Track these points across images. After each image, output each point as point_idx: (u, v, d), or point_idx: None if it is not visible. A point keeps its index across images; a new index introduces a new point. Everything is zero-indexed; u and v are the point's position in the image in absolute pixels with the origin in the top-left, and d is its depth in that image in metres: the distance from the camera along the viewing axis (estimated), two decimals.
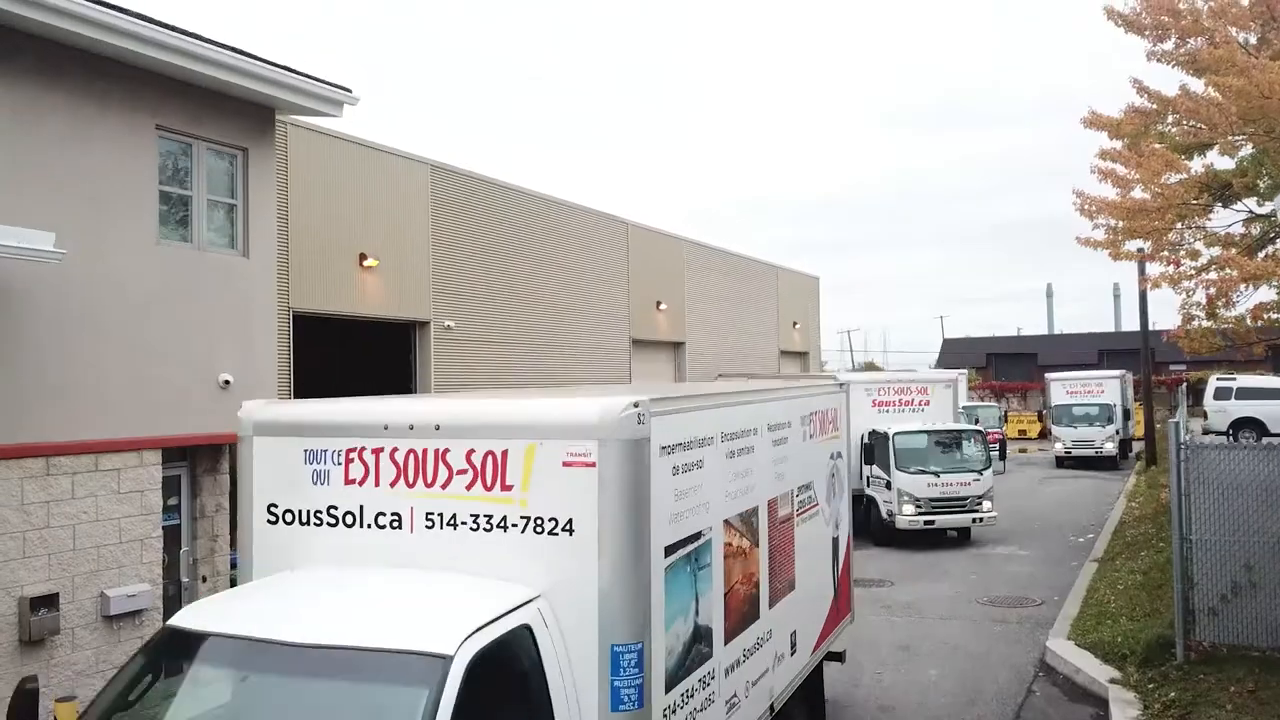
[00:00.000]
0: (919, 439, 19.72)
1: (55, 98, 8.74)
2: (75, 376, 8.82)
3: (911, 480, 19.07)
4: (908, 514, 18.89)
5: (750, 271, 38.01)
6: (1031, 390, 56.91)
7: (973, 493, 19.15)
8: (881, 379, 22.95)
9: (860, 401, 20.59)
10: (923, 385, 21.97)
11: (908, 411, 21.03)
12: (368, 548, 5.17)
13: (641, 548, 4.90)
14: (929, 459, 19.44)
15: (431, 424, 5.10)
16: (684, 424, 5.63)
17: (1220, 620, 9.89)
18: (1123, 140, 19.92)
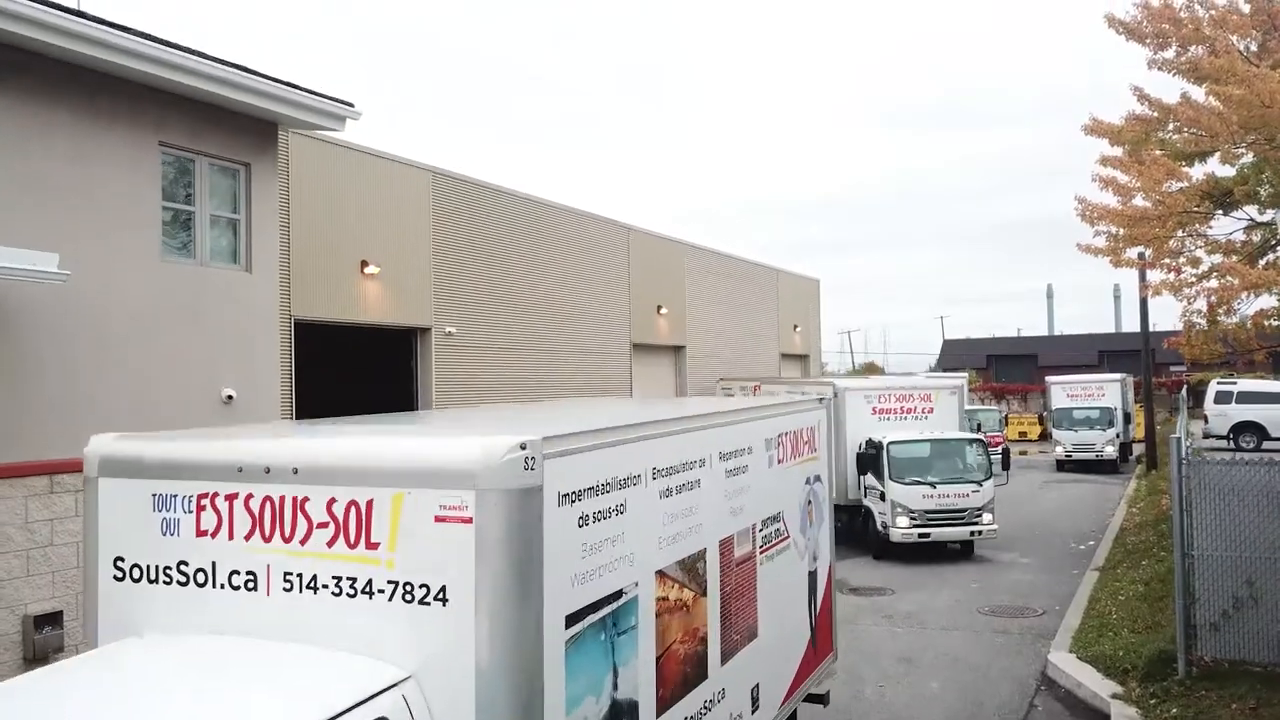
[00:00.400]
0: (915, 448, 18.88)
1: (59, 115, 8.76)
2: (78, 393, 8.84)
3: (906, 491, 18.24)
4: (902, 526, 18.13)
5: (751, 275, 38.02)
6: (1032, 392, 56.91)
7: (971, 505, 18.32)
8: (881, 385, 21.54)
9: (859, 409, 20.21)
10: (926, 392, 20.90)
11: (910, 420, 20.15)
12: (221, 612, 4.44)
13: (530, 619, 4.14)
14: (925, 469, 18.64)
15: (289, 466, 4.34)
16: (596, 464, 4.81)
17: (1222, 635, 9.90)
18: (1123, 147, 19.94)
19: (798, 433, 8.27)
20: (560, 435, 4.48)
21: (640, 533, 5.23)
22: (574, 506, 4.57)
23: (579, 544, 4.61)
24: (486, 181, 23.69)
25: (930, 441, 19.10)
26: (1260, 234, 18.82)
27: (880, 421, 19.96)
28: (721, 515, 6.45)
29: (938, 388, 21.19)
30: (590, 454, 4.75)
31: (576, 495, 4.59)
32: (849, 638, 13.18)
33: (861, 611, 14.64)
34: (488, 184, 23.69)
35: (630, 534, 5.08)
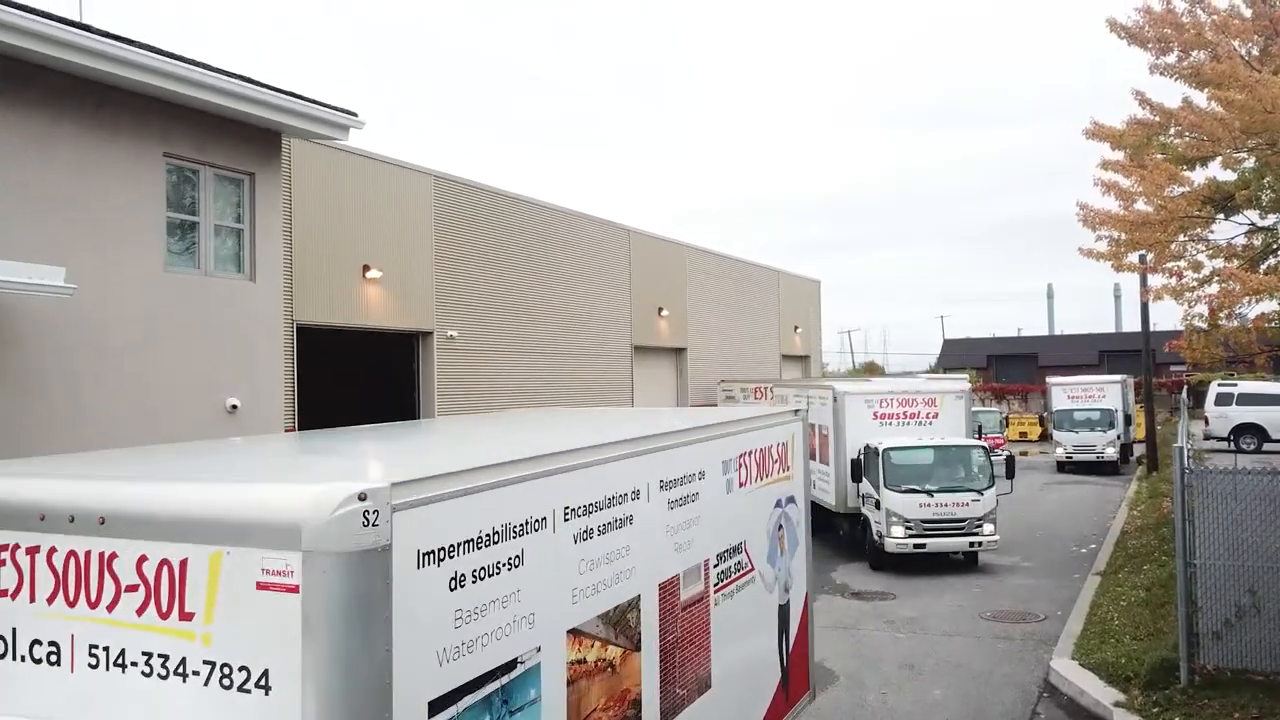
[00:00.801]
0: (912, 455, 18.02)
1: (64, 128, 8.78)
2: (84, 404, 8.86)
3: (901, 500, 17.36)
4: (896, 536, 17.25)
5: (752, 276, 38.05)
6: (1032, 392, 56.93)
7: (971, 514, 17.48)
8: (884, 389, 20.49)
9: (859, 414, 19.56)
10: (930, 396, 19.81)
11: (913, 425, 19.26)
12: (21, 690, 3.69)
13: (373, 711, 3.35)
14: (923, 476, 17.75)
15: (94, 514, 3.58)
16: (475, 510, 3.97)
17: (1224, 644, 9.92)
18: (1125, 151, 19.96)
19: (766, 450, 7.50)
20: (418, 479, 3.64)
21: (545, 587, 4.39)
22: (442, 566, 3.73)
23: (450, 611, 3.78)
24: (488, 185, 23.74)
25: (929, 448, 18.29)
26: (1261, 238, 18.83)
27: (882, 427, 19.24)
28: (662, 554, 5.65)
29: (943, 392, 19.97)
30: (466, 499, 3.89)
31: (446, 552, 3.75)
32: (850, 643, 13.23)
33: (864, 616, 14.67)
34: (490, 188, 23.73)
35: (530, 590, 4.25)
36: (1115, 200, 18.61)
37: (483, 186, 23.48)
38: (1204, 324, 18.96)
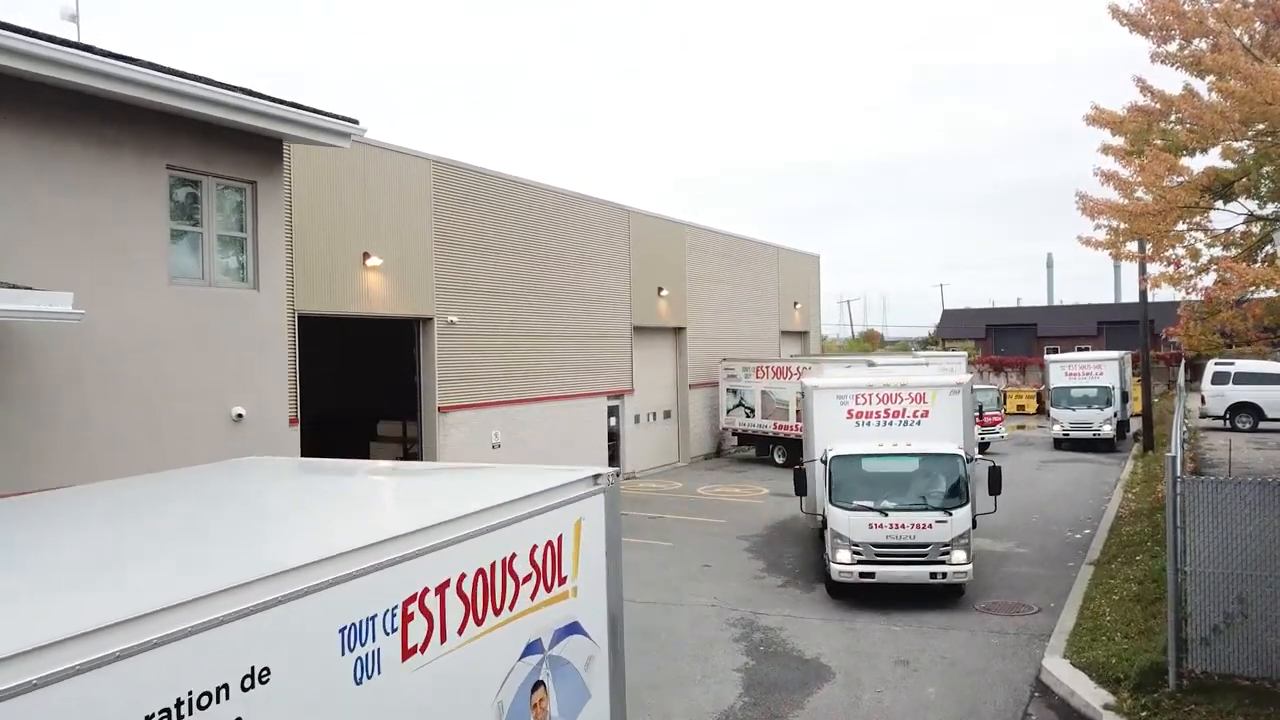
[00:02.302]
0: (865, 464, 15.22)
1: (69, 146, 8.82)
2: (93, 420, 8.99)
3: (848, 518, 14.63)
4: (841, 562, 14.57)
5: (751, 253, 38.05)
6: (1030, 365, 57.13)
7: (936, 539, 14.39)
8: (861, 383, 17.09)
9: (830, 411, 16.63)
10: (918, 391, 16.53)
11: (896, 426, 16.20)
12: None
13: None
14: (878, 490, 14.91)
15: None
16: None
17: (1212, 649, 10.14)
18: (1125, 136, 19.95)
19: (508, 562, 4.87)
20: None
21: None
22: None
23: None
24: (487, 169, 23.70)
25: (887, 456, 15.36)
26: (1260, 227, 18.87)
27: (859, 427, 16.28)
28: None
29: (935, 385, 16.63)
30: None
31: None
32: (848, 639, 13.45)
33: (861, 604, 14.89)
34: (489, 171, 23.70)
35: None
36: (1114, 190, 18.63)
37: (482, 170, 23.44)
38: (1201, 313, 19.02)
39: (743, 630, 13.89)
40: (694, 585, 16.47)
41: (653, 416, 31.14)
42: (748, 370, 32.50)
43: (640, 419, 30.22)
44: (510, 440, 24.03)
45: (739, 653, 12.99)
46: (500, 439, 23.68)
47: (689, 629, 14.02)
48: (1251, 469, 23.94)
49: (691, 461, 32.91)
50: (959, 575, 14.62)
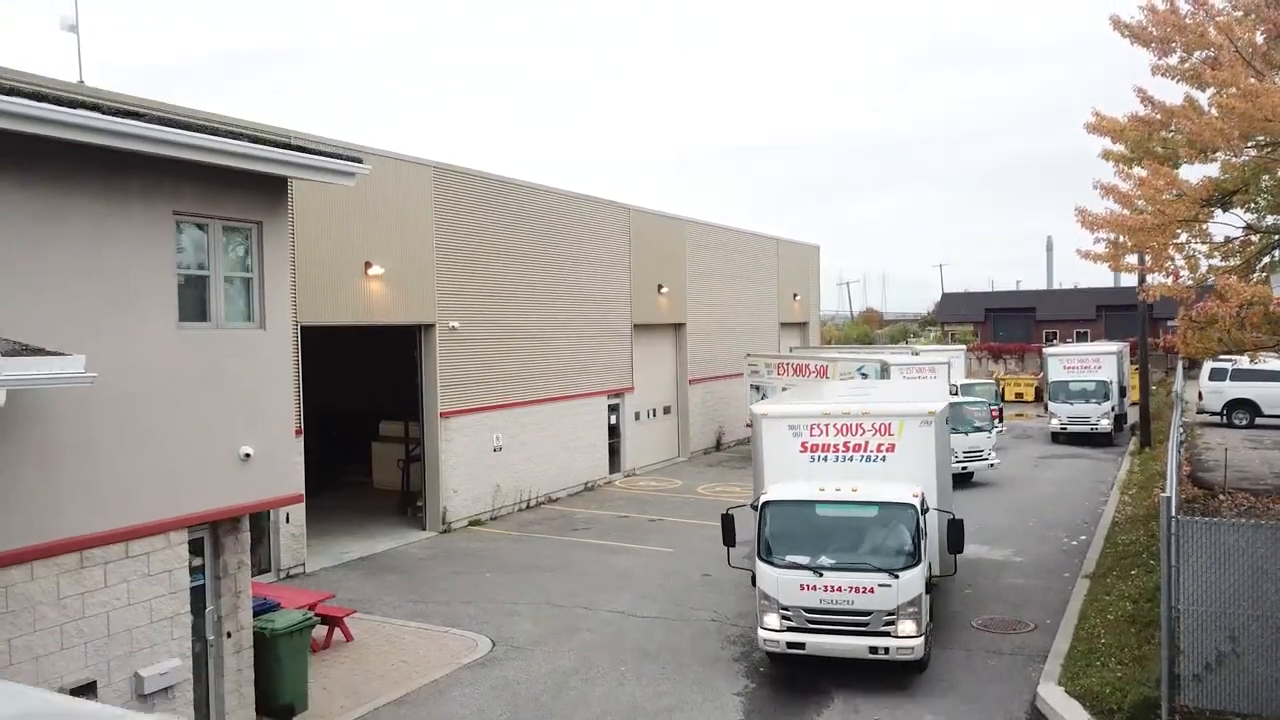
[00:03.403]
0: (803, 512, 13.02)
1: (77, 199, 8.89)
2: (103, 468, 9.11)
3: (778, 578, 12.57)
4: (769, 628, 12.55)
5: (751, 246, 38.09)
6: (1029, 352, 57.26)
7: (878, 605, 12.13)
8: (815, 410, 14.47)
9: (782, 443, 14.24)
10: (882, 421, 13.99)
11: (857, 462, 13.93)
12: None
13: None
14: (814, 544, 12.75)
15: None
16: None
17: (1204, 685, 10.34)
18: (1126, 144, 20.00)
19: None
20: None
21: None
22: None
23: None
24: (488, 172, 23.72)
25: (827, 503, 13.01)
26: (1260, 238, 18.94)
27: (814, 463, 14.09)
28: None
29: (902, 415, 14.10)
30: None
31: None
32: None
33: None
34: (489, 174, 23.72)
35: None
36: (1114, 202, 18.68)
37: (482, 174, 23.46)
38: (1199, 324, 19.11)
39: (743, 649, 14.08)
40: (695, 597, 16.67)
41: (653, 413, 31.30)
42: (769, 367, 32.54)
43: (640, 415, 30.38)
44: (512, 442, 24.19)
45: (739, 674, 13.19)
46: (502, 441, 23.84)
47: (690, 647, 14.22)
48: (1247, 472, 24.16)
49: (691, 457, 33.10)
50: (904, 652, 12.16)
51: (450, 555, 20.12)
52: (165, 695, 9.78)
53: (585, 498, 26.44)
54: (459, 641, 14.66)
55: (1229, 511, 19.68)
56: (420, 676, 13.23)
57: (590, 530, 22.28)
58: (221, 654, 11.09)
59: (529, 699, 12.45)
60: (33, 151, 8.41)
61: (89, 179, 8.94)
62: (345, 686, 12.89)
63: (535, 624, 15.44)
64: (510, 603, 16.66)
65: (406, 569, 19.06)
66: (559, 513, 24.49)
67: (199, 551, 10.80)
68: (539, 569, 18.87)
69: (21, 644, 8.56)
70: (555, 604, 16.50)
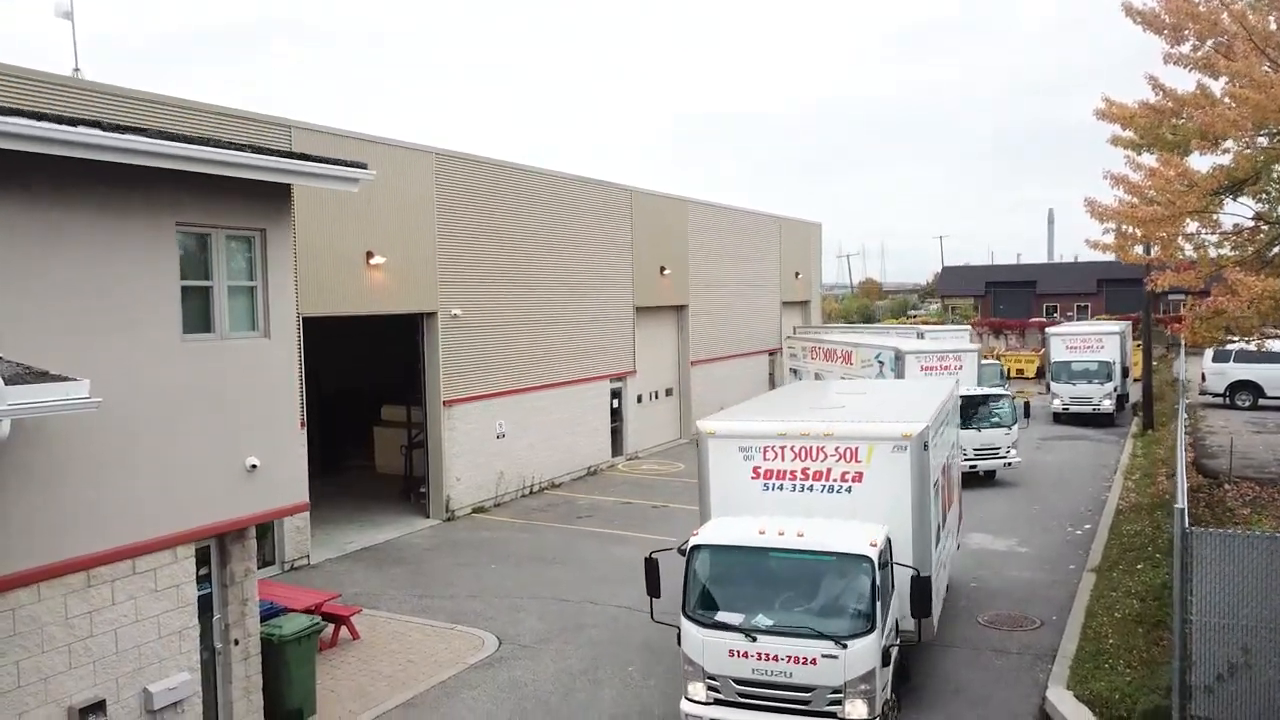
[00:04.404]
0: (738, 560, 10.76)
1: (79, 215, 8.72)
2: (108, 486, 9.01)
3: (704, 640, 10.35)
4: (693, 699, 10.45)
5: (753, 226, 37.86)
6: (1030, 328, 57.15)
7: (823, 680, 9.96)
8: (770, 431, 11.91)
9: (731, 466, 11.94)
10: (848, 445, 11.55)
11: (819, 493, 11.58)
12: None
13: None
14: (752, 600, 10.49)
15: None
16: None
17: (1215, 697, 10.31)
18: (1135, 131, 19.79)
19: None
20: None
21: None
22: None
23: None
24: (489, 157, 23.47)
25: (768, 551, 10.58)
26: (1270, 229, 18.77)
27: (767, 492, 11.78)
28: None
29: (873, 438, 11.56)
30: None
31: None
32: None
33: None
34: (491, 160, 23.47)
35: None
36: (1124, 192, 18.49)
37: (484, 159, 23.20)
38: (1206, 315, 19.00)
39: None
40: None
41: (654, 395, 31.23)
42: (805, 350, 32.47)
43: (643, 398, 30.30)
44: (515, 429, 24.12)
45: None
46: (505, 429, 23.77)
47: None
48: (1251, 459, 24.15)
49: (693, 439, 33.03)
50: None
51: (455, 545, 20.11)
52: (175, 710, 9.74)
53: (588, 482, 26.42)
54: (465, 640, 14.65)
55: (1235, 502, 19.68)
56: (428, 678, 13.22)
57: (594, 518, 22.26)
58: (229, 661, 11.05)
59: (537, 702, 12.44)
60: (33, 168, 8.23)
61: (90, 193, 8.77)
62: (353, 688, 12.89)
63: (541, 620, 15.42)
64: (516, 597, 16.65)
65: (411, 560, 19.05)
66: (562, 498, 24.47)
67: (205, 560, 10.74)
68: (544, 560, 18.85)
69: (30, 665, 8.50)
70: (561, 598, 16.49)
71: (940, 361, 26.89)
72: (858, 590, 10.19)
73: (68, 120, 8.00)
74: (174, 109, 15.58)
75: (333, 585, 17.05)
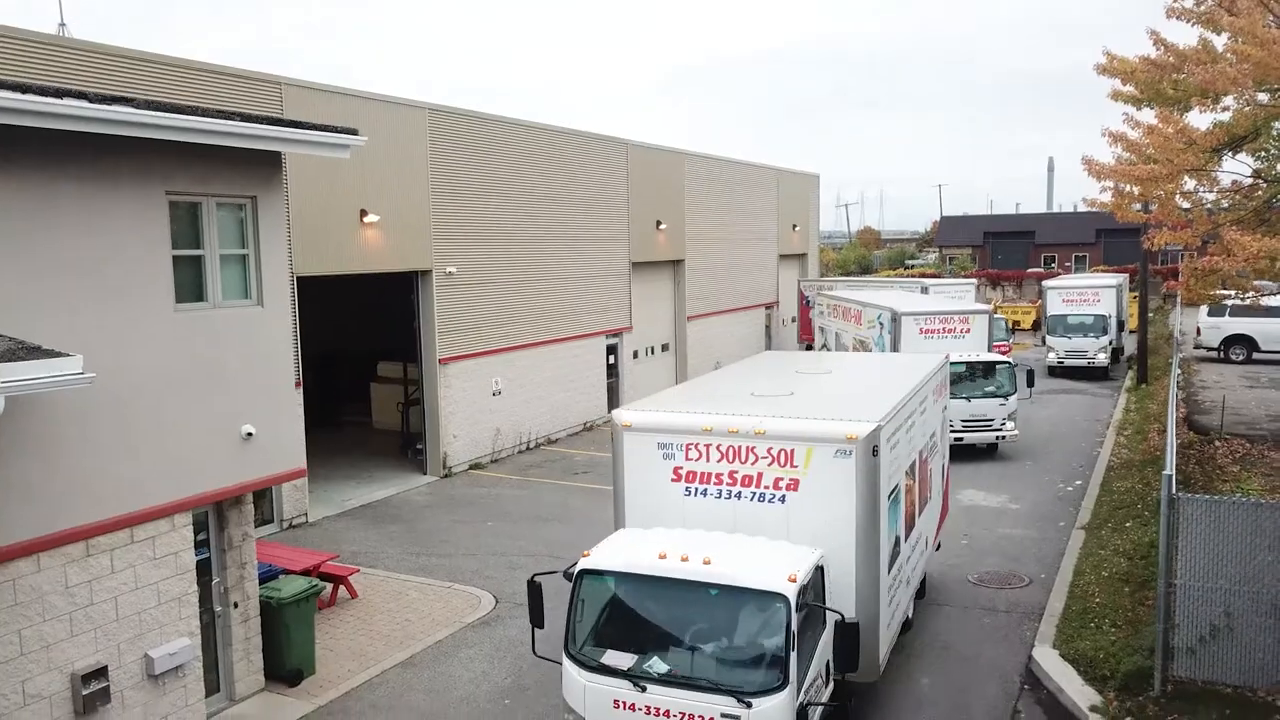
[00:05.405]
0: (634, 591, 8.97)
1: (65, 185, 8.67)
2: (105, 457, 9.08)
3: (586, 687, 8.70)
4: None
5: (750, 178, 37.61)
6: (1027, 279, 57.09)
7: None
8: (694, 425, 9.97)
9: (648, 467, 10.22)
10: (782, 447, 9.65)
11: (748, 501, 9.80)
12: None
13: None
14: (646, 640, 8.76)
15: None
16: None
17: (1197, 658, 10.53)
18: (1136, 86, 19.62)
19: None
20: None
21: None
22: None
23: None
24: (483, 112, 23.24)
25: (667, 581, 8.74)
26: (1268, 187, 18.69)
27: (689, 498, 10.07)
28: None
29: (812, 439, 9.60)
30: None
31: None
32: None
33: None
34: (485, 114, 23.25)
35: None
36: (1123, 150, 18.39)
37: (478, 114, 22.97)
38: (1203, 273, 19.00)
39: None
40: None
41: (650, 351, 31.28)
42: (829, 309, 31.92)
43: (639, 354, 30.36)
44: (511, 385, 24.20)
45: None
46: (501, 385, 23.84)
47: None
48: (1243, 414, 24.30)
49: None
50: None
51: (452, 502, 20.30)
52: (176, 674, 9.92)
53: (584, 438, 26.57)
54: (462, 598, 14.86)
55: (1225, 459, 19.85)
56: (425, 636, 13.44)
57: (590, 474, 22.42)
58: (229, 624, 11.24)
59: (533, 662, 12.63)
60: (19, 140, 8.17)
61: (78, 164, 8.72)
62: (351, 648, 13.11)
63: None
64: (512, 555, 16.85)
65: (408, 518, 19.23)
66: (559, 454, 24.64)
67: (204, 526, 10.86)
68: (540, 518, 19.04)
69: (32, 633, 8.64)
70: (557, 556, 16.67)
71: (944, 324, 23.91)
72: (770, 635, 8.29)
73: (53, 92, 7.93)
74: (162, 67, 15.39)
75: (331, 543, 17.26)
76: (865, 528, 9.63)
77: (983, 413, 22.63)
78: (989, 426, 22.77)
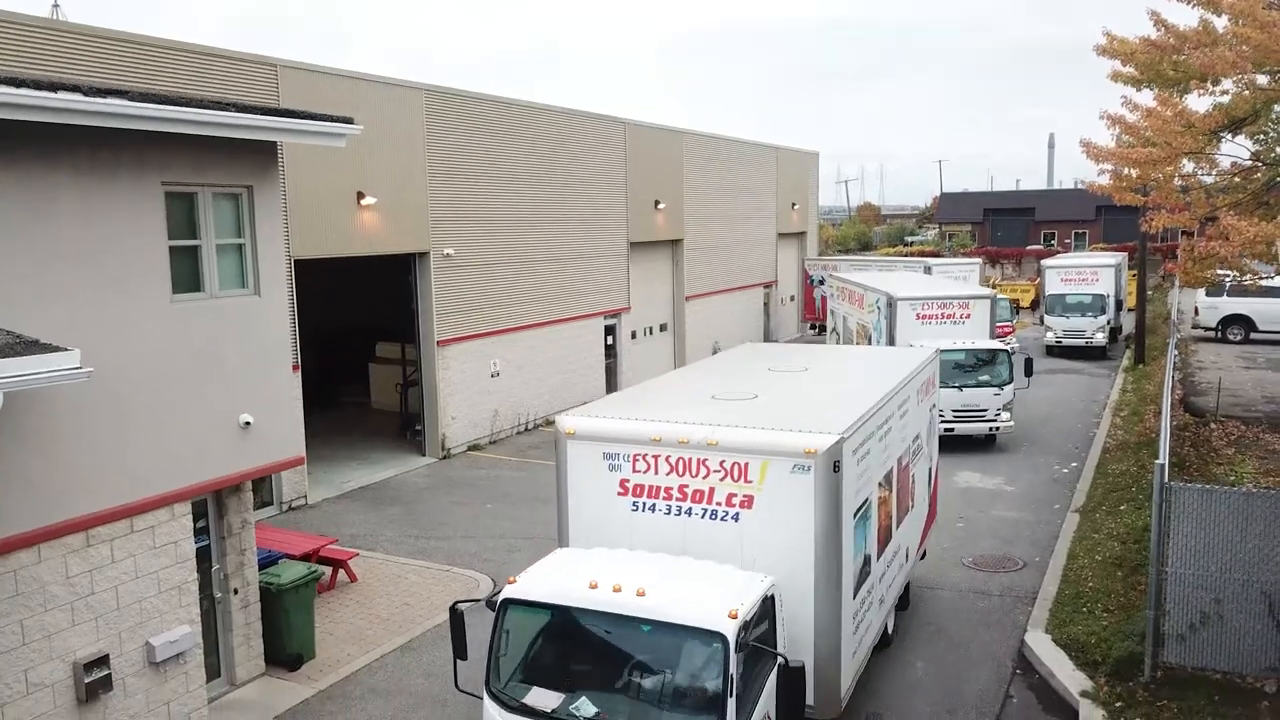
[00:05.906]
0: (562, 625, 8.18)
1: (61, 177, 8.68)
2: (104, 448, 9.13)
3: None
4: None
5: (749, 156, 37.50)
6: (1026, 257, 57.02)
7: None
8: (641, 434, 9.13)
9: (593, 477, 9.40)
10: (735, 459, 8.82)
11: (698, 519, 8.99)
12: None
13: None
14: (575, 679, 8.02)
15: None
16: None
17: (1187, 645, 10.64)
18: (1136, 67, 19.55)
19: None
20: None
21: None
22: None
23: None
24: (480, 93, 23.15)
25: (596, 615, 7.95)
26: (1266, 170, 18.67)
27: (636, 513, 9.25)
28: None
29: (767, 452, 8.75)
30: None
31: None
32: None
33: None
34: (482, 95, 23.16)
35: None
36: (1121, 133, 18.36)
37: (475, 95, 22.88)
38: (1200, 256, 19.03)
39: None
40: None
41: (649, 331, 31.31)
42: (838, 292, 30.82)
43: (637, 335, 30.39)
44: (509, 367, 24.25)
45: None
46: (499, 367, 23.89)
47: None
48: (1239, 396, 24.38)
49: None
50: None
51: (451, 484, 20.39)
52: (177, 661, 10.03)
53: None
54: (461, 582, 14.97)
55: (1220, 441, 19.94)
56: (424, 620, 13.55)
57: None
58: (229, 610, 11.35)
59: None
60: (15, 133, 8.16)
61: (74, 156, 8.72)
62: (351, 631, 13.23)
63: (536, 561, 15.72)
64: (511, 538, 16.97)
65: (407, 500, 19.33)
66: None
67: (203, 513, 10.94)
68: (539, 500, 19.13)
69: (34, 623, 8.73)
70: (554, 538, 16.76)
71: (942, 309, 22.59)
72: (706, 677, 7.47)
73: (47, 85, 7.92)
74: (157, 50, 15.32)
75: (330, 526, 17.37)
76: (826, 550, 8.71)
77: (975, 403, 21.69)
78: (981, 417, 21.78)
